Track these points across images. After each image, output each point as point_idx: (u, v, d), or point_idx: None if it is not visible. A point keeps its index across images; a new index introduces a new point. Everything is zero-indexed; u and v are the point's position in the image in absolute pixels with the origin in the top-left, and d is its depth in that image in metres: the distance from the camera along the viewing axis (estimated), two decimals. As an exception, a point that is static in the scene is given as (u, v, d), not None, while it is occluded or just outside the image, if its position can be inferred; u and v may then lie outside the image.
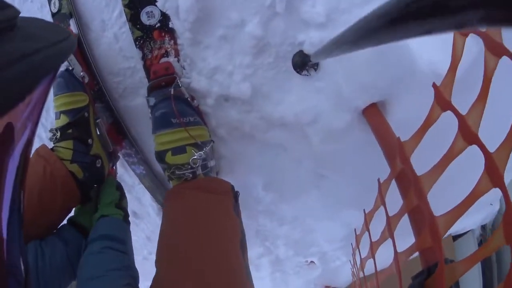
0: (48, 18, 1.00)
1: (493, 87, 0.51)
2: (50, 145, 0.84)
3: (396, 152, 0.68)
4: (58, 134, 0.81)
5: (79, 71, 0.87)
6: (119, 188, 0.85)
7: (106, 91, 0.91)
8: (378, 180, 0.75)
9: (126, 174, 1.05)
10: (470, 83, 0.64)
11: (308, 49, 0.81)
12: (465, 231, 2.00)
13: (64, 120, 0.82)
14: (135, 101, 0.90)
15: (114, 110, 0.91)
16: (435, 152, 0.58)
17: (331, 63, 0.82)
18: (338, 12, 0.80)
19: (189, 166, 0.77)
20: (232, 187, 0.79)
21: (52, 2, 0.95)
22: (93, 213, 0.78)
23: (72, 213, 0.83)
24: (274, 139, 0.86)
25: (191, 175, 0.78)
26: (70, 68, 0.86)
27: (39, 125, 1.23)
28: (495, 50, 0.51)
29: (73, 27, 0.91)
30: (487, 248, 0.48)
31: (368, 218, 0.82)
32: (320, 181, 0.93)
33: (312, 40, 0.80)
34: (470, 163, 0.54)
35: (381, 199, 0.74)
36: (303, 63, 0.82)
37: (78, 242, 0.75)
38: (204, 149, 0.78)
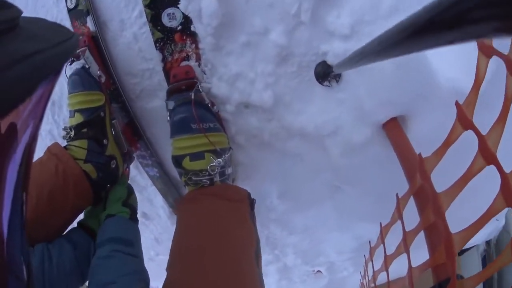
0: (64, 13, 1.00)
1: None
2: (63, 143, 0.85)
3: (416, 168, 0.70)
4: (72, 133, 0.82)
5: (95, 70, 0.88)
6: (129, 186, 0.87)
7: (123, 91, 0.91)
8: (397, 195, 0.77)
9: (139, 176, 1.06)
10: (486, 100, 0.66)
11: (331, 60, 0.82)
12: (470, 246, 2.03)
13: (78, 118, 0.82)
14: (152, 103, 0.91)
15: (130, 111, 0.92)
16: (452, 169, 0.61)
17: (353, 75, 0.83)
18: (363, 23, 0.81)
19: (207, 173, 0.78)
20: (249, 194, 0.80)
21: None
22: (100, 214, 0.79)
23: (81, 216, 0.84)
24: (293, 148, 0.87)
25: (208, 182, 0.79)
26: (87, 66, 0.86)
27: (51, 122, 1.24)
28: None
29: (90, 24, 0.92)
30: (495, 265, 0.51)
31: (384, 231, 0.84)
32: (335, 193, 0.94)
33: (336, 51, 0.81)
34: (485, 182, 0.56)
35: (398, 214, 0.76)
36: (325, 73, 0.83)
37: (87, 245, 0.76)
38: (223, 156, 0.79)
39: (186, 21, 0.81)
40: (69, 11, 0.96)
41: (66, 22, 1.01)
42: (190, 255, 0.67)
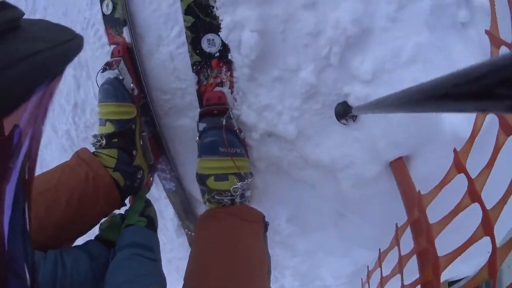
0: (98, 18, 1.04)
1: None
2: (81, 145, 0.90)
3: (415, 203, 0.80)
4: (104, 141, 0.87)
5: (129, 82, 0.93)
6: (146, 200, 0.92)
7: (152, 106, 0.97)
8: (396, 225, 0.87)
9: (154, 187, 1.12)
10: (480, 145, 0.77)
11: (352, 101, 0.91)
12: (461, 277, 2.14)
13: (110, 128, 0.88)
14: (180, 122, 0.97)
15: (157, 126, 0.98)
16: (444, 202, 0.73)
17: (369, 117, 0.92)
18: (383, 71, 0.91)
19: (229, 194, 0.85)
20: (264, 217, 0.87)
21: (105, 2, 1.00)
22: (120, 228, 0.84)
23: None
24: (307, 177, 0.95)
25: (229, 202, 0.85)
26: (121, 77, 0.92)
27: (71, 123, 1.26)
28: (506, 129, 0.66)
29: (126, 35, 0.97)
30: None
31: (382, 256, 0.93)
32: (340, 220, 1.02)
33: (357, 94, 0.90)
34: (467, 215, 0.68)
35: (396, 241, 0.86)
36: (345, 112, 0.92)
37: (105, 256, 0.78)
38: (246, 180, 0.86)
39: (225, 49, 0.88)
40: (104, 16, 1.01)
41: (99, 27, 1.06)
42: (208, 269, 0.72)
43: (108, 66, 0.93)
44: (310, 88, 0.88)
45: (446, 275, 1.30)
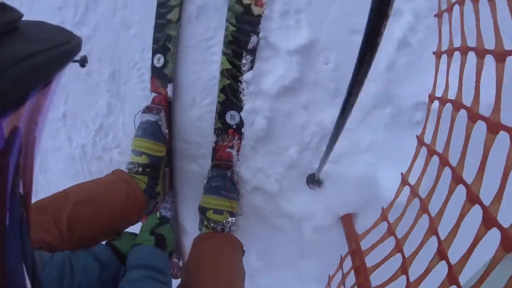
0: (147, 66, 1.37)
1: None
2: (99, 161, 1.19)
3: (353, 238, 1.15)
4: (140, 169, 1.19)
5: (164, 128, 1.28)
6: (161, 217, 0.98)
7: (173, 150, 1.32)
8: (341, 255, 1.21)
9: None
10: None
11: (318, 174, 1.30)
12: None
13: (145, 159, 1.20)
14: (190, 166, 1.32)
15: (173, 166, 1.32)
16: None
17: (330, 185, 1.30)
18: (345, 156, 1.31)
19: (222, 224, 1.18)
20: (242, 245, 1.20)
21: (157, 56, 1.34)
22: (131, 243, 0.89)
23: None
24: (278, 223, 1.30)
25: (221, 229, 1.19)
26: (159, 123, 1.27)
27: (90, 140, 1.56)
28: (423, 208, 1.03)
29: (169, 90, 1.32)
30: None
31: (330, 280, 1.26)
32: (300, 260, 1.36)
33: (324, 169, 1.29)
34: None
35: (340, 265, 1.19)
36: (312, 180, 1.31)
37: (115, 267, 0.83)
38: (235, 217, 1.20)
39: (241, 124, 1.26)
40: (154, 67, 1.35)
41: (146, 73, 1.40)
42: (204, 267, 1.00)
43: (148, 109, 1.27)
44: (292, 162, 1.27)
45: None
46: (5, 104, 0.24)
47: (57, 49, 0.30)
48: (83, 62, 1.53)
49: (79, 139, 1.70)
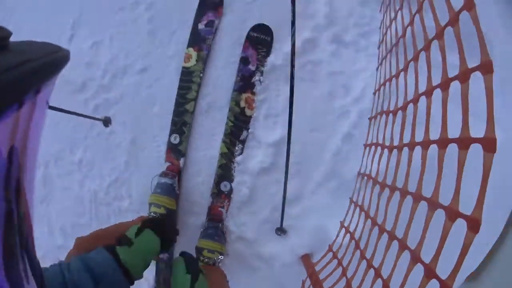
0: (164, 139, 1.93)
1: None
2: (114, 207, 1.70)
3: (310, 265, 1.70)
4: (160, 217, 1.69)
5: (176, 189, 1.81)
6: (189, 269, 1.04)
7: (179, 207, 1.84)
8: (302, 280, 1.74)
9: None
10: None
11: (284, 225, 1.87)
12: None
13: (163, 211, 1.71)
14: (189, 219, 1.85)
15: (177, 218, 1.84)
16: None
17: (293, 234, 1.87)
18: (304, 214, 1.90)
19: (213, 260, 1.70)
20: (226, 275, 1.72)
21: (174, 135, 1.90)
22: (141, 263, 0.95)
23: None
24: (255, 264, 1.84)
25: (212, 264, 1.70)
26: (174, 185, 1.80)
27: (104, 189, 2.07)
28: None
29: (181, 163, 1.87)
30: None
31: None
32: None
33: (289, 223, 1.87)
34: None
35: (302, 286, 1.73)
36: (280, 230, 1.87)
37: (113, 279, 0.81)
38: (224, 256, 1.73)
39: (231, 191, 1.83)
40: (170, 143, 1.90)
41: (162, 146, 1.94)
42: None
43: (165, 174, 1.81)
44: (266, 218, 1.83)
45: None
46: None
47: (45, 58, 0.33)
48: (106, 122, 2.00)
49: (92, 185, 2.11)
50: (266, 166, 1.82)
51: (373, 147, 1.63)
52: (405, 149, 1.22)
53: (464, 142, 0.79)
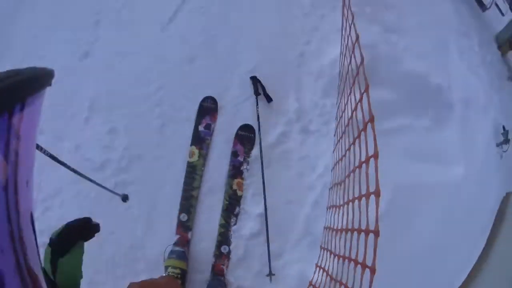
0: (174, 216, 2.56)
1: None
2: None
3: None
4: (179, 276, 2.27)
5: (187, 254, 2.42)
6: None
7: (188, 267, 2.44)
8: None
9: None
10: None
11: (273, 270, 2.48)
12: None
13: (178, 271, 2.30)
14: (196, 277, 2.44)
15: (187, 276, 2.43)
16: None
17: (282, 281, 2.48)
18: (288, 264, 2.53)
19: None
20: None
21: (183, 214, 2.54)
22: None
23: None
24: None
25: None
26: (186, 252, 2.40)
27: (120, 255, 2.60)
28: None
29: (189, 235, 2.49)
30: None
31: None
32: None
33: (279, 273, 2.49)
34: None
35: None
36: (269, 274, 2.48)
37: None
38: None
39: (229, 252, 2.45)
40: (180, 221, 2.53)
41: (173, 222, 2.56)
42: None
43: (177, 244, 2.41)
44: (259, 270, 2.44)
45: None
46: None
47: (35, 71, 0.36)
48: (125, 198, 2.61)
49: (110, 247, 2.62)
50: (255, 232, 2.46)
51: (332, 208, 2.32)
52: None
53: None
